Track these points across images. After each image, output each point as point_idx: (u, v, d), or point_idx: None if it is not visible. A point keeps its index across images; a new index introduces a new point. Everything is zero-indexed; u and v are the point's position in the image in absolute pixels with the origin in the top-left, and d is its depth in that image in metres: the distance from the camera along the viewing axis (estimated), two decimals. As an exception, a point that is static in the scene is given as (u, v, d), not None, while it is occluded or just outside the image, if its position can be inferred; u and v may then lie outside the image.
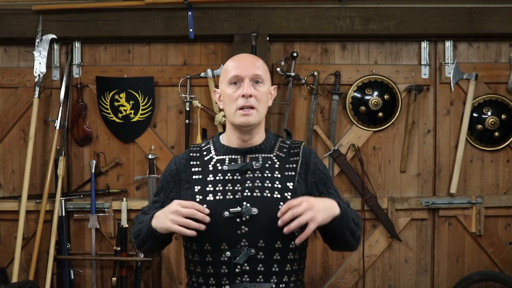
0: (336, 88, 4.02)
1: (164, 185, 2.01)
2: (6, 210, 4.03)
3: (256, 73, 1.88)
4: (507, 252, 4.08)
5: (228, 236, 1.82)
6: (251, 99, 1.86)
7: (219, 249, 1.83)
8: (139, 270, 3.90)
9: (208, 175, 1.90)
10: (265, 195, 1.84)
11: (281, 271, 1.86)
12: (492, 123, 4.05)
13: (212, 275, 1.85)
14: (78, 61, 4.05)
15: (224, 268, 1.83)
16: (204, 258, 1.86)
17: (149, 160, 4.01)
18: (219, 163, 1.91)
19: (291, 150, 1.95)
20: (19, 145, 4.11)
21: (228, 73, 1.90)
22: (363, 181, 4.01)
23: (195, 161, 1.96)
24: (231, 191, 1.85)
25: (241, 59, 1.94)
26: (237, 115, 1.87)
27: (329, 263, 4.12)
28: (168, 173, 2.01)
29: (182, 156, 2.01)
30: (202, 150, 1.99)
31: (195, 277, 1.90)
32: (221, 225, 1.82)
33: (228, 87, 1.90)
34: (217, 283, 1.84)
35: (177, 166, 1.99)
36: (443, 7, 3.90)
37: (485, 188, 4.12)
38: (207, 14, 3.89)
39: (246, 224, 1.82)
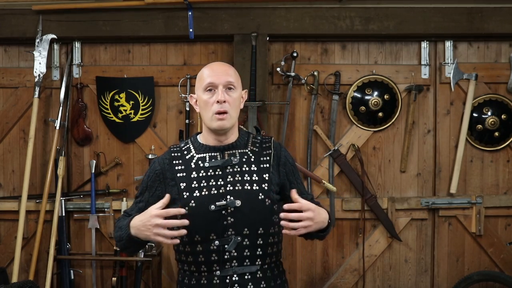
0: (336, 88, 4.02)
1: (149, 184, 2.15)
2: (6, 210, 4.03)
3: (228, 80, 2.07)
4: (507, 252, 4.08)
5: (216, 227, 2.03)
6: (225, 104, 2.05)
7: (208, 239, 2.03)
8: (139, 270, 3.90)
9: (191, 172, 2.08)
10: (246, 188, 2.06)
11: (264, 254, 2.08)
12: (492, 123, 4.05)
13: (203, 262, 2.05)
14: (78, 61, 4.06)
15: (214, 256, 2.04)
16: (195, 248, 2.06)
17: (149, 160, 4.00)
18: (200, 161, 2.10)
19: (263, 145, 2.16)
20: (19, 145, 4.11)
21: (204, 81, 2.08)
22: (363, 181, 4.01)
23: (177, 160, 2.13)
24: (215, 186, 2.05)
25: (215, 67, 2.12)
26: (213, 119, 2.06)
27: (329, 263, 4.12)
28: (152, 173, 2.15)
29: (165, 157, 2.17)
30: (183, 150, 2.16)
31: (187, 266, 2.10)
32: (209, 217, 2.03)
33: (203, 94, 2.08)
34: (208, 270, 2.05)
35: (161, 166, 2.14)
36: (443, 7, 3.91)
37: (485, 188, 4.12)
38: (207, 14, 3.89)
39: (231, 215, 2.03)
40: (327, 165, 4.04)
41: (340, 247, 4.12)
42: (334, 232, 4.10)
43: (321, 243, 4.10)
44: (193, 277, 2.09)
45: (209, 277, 2.05)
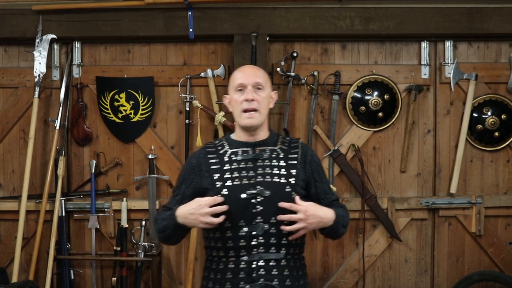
0: (336, 88, 4.02)
1: (186, 177, 2.35)
2: (6, 210, 4.03)
3: (257, 81, 2.28)
4: (507, 252, 4.08)
5: (245, 214, 2.21)
6: (253, 102, 2.25)
7: (237, 225, 2.21)
8: (139, 270, 3.90)
9: (224, 164, 2.28)
10: (275, 180, 2.24)
11: (289, 244, 2.25)
12: (492, 123, 4.05)
13: (232, 248, 2.23)
14: (78, 61, 4.06)
15: (242, 242, 2.21)
16: (225, 234, 2.23)
17: (149, 160, 4.01)
18: (233, 155, 2.30)
19: (291, 144, 2.37)
20: (19, 145, 4.11)
21: (235, 82, 2.32)
22: (363, 181, 4.01)
23: (212, 154, 2.33)
24: (246, 177, 2.24)
25: (245, 69, 2.36)
26: (242, 117, 2.28)
27: (329, 263, 4.12)
28: (188, 166, 2.36)
29: (200, 152, 2.37)
30: (217, 146, 2.37)
31: (215, 251, 2.28)
32: (239, 204, 2.20)
33: (234, 93, 2.31)
34: (236, 255, 2.22)
35: (197, 159, 2.34)
36: (443, 7, 3.90)
37: (485, 188, 4.12)
38: (207, 14, 3.89)
39: (260, 204, 2.21)
40: (327, 165, 4.04)
41: (340, 247, 4.12)
42: (334, 232, 4.10)
43: (321, 243, 4.10)
44: (221, 262, 2.25)
45: (237, 261, 2.22)
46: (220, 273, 2.25)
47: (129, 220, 4.00)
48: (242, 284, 2.19)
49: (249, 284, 2.18)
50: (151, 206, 3.99)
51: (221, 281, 2.24)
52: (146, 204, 4.01)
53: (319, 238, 4.10)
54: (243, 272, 2.20)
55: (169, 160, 4.07)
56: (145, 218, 3.99)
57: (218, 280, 2.25)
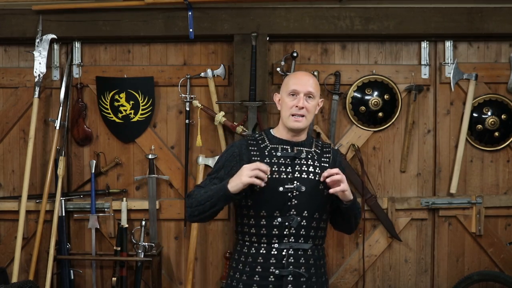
0: (336, 88, 4.02)
1: (226, 164, 2.49)
2: (6, 210, 4.03)
3: (309, 90, 2.45)
4: (507, 252, 4.08)
5: (281, 206, 2.39)
6: (302, 110, 2.44)
7: (272, 215, 2.39)
8: (139, 270, 3.90)
9: (265, 158, 2.44)
10: (310, 178, 2.44)
11: (315, 236, 2.46)
12: (492, 123, 4.05)
13: (265, 235, 2.41)
14: (78, 61, 4.06)
15: (275, 230, 2.39)
16: (260, 222, 2.41)
17: (149, 160, 4.01)
18: (273, 150, 2.47)
19: (323, 148, 2.58)
20: (19, 145, 4.11)
21: (289, 87, 2.48)
22: (363, 181, 4.01)
23: (253, 147, 2.49)
24: (285, 172, 2.42)
25: (300, 77, 2.50)
26: (290, 120, 2.46)
27: (329, 263, 4.12)
28: (230, 154, 2.50)
29: (242, 142, 2.53)
30: (258, 139, 2.53)
31: (248, 236, 2.45)
32: (276, 197, 2.38)
33: (287, 97, 2.48)
34: (268, 242, 2.40)
35: (239, 149, 2.49)
36: (443, 7, 3.90)
37: (485, 188, 4.12)
38: (207, 14, 3.89)
39: (295, 197, 2.40)
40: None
41: (340, 247, 4.12)
42: (334, 232, 4.10)
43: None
44: (252, 247, 2.43)
45: (268, 248, 2.40)
46: (251, 257, 2.43)
47: (129, 220, 4.00)
48: (272, 269, 2.38)
49: (278, 269, 2.38)
50: (151, 206, 3.99)
51: (252, 264, 2.42)
52: (146, 204, 4.01)
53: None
54: (274, 259, 2.39)
55: (169, 160, 4.07)
56: (145, 218, 3.99)
57: (248, 263, 2.43)
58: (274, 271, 2.39)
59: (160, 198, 4.08)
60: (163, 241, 4.11)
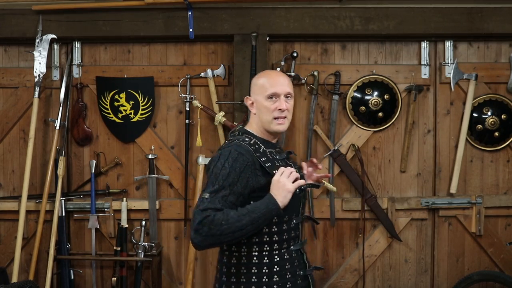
0: (336, 88, 4.02)
1: (242, 176, 2.22)
2: (6, 210, 4.03)
3: (288, 91, 2.38)
4: (507, 252, 4.08)
5: (297, 207, 2.37)
6: (284, 111, 2.36)
7: (291, 218, 2.35)
8: (139, 270, 3.90)
9: (274, 162, 2.34)
10: (302, 173, 2.47)
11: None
12: (492, 123, 4.05)
13: (286, 240, 2.34)
14: (78, 61, 4.06)
15: (293, 233, 2.36)
16: (282, 227, 2.32)
17: (149, 160, 4.01)
18: (272, 153, 2.38)
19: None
20: (19, 145, 4.11)
21: (266, 90, 2.35)
22: (363, 181, 4.01)
23: (257, 153, 2.32)
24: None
25: (276, 78, 2.38)
26: (273, 123, 2.35)
27: (329, 263, 4.12)
28: (244, 164, 2.23)
29: (248, 149, 2.29)
30: (253, 144, 2.35)
31: (268, 246, 2.30)
32: (295, 199, 2.30)
33: (265, 101, 2.35)
34: (287, 246, 2.34)
35: (252, 157, 2.27)
36: (443, 7, 3.90)
37: (485, 188, 4.12)
38: (207, 14, 3.89)
39: (304, 195, 2.42)
40: (327, 165, 4.04)
41: (340, 247, 4.12)
42: (334, 232, 4.10)
43: (321, 243, 4.10)
44: (275, 256, 2.31)
45: (287, 252, 2.34)
46: (277, 266, 2.30)
47: (129, 220, 4.00)
48: (298, 272, 2.35)
49: (302, 270, 2.36)
50: (151, 206, 3.99)
51: (281, 273, 2.30)
52: (146, 204, 4.01)
53: (319, 238, 4.10)
54: (297, 261, 2.36)
55: (169, 160, 4.07)
56: (145, 218, 3.99)
57: (276, 272, 2.29)
58: (299, 273, 2.35)
59: (160, 198, 4.08)
60: (163, 241, 4.11)
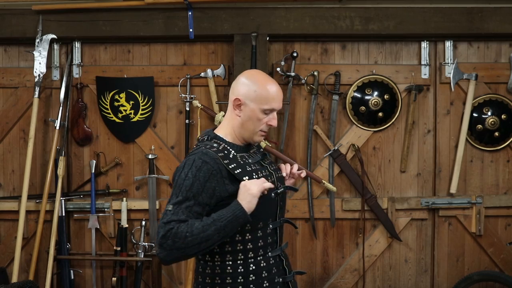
0: (336, 88, 4.01)
1: (207, 185, 2.08)
2: (6, 210, 4.04)
3: (281, 106, 2.25)
4: (507, 252, 4.08)
5: (273, 213, 2.25)
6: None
7: (266, 224, 2.22)
8: (139, 270, 3.90)
9: (245, 167, 2.19)
10: (279, 175, 2.32)
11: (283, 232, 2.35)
12: (492, 123, 4.05)
13: (262, 247, 2.21)
14: (78, 61, 4.06)
15: (269, 239, 2.23)
16: (256, 234, 2.20)
17: (149, 160, 4.01)
18: (243, 158, 2.23)
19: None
20: (19, 145, 4.11)
21: (266, 103, 2.18)
22: (363, 181, 4.01)
23: (226, 159, 2.17)
24: (267, 176, 2.23)
25: (277, 92, 2.22)
26: (257, 135, 2.23)
27: (329, 263, 4.12)
28: (209, 173, 2.09)
29: (214, 156, 2.13)
30: (222, 150, 2.20)
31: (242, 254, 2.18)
32: (269, 204, 2.21)
33: (261, 112, 2.19)
34: (264, 252, 2.22)
35: (217, 165, 2.12)
36: (443, 7, 3.90)
37: (485, 188, 4.12)
38: (207, 14, 3.89)
39: (281, 200, 2.27)
40: (327, 165, 4.04)
41: (340, 247, 4.12)
42: (334, 232, 4.10)
43: (321, 243, 4.10)
44: (250, 264, 2.19)
45: (264, 259, 2.21)
46: (253, 275, 2.18)
47: (129, 220, 4.00)
48: (277, 279, 2.24)
49: (282, 277, 2.25)
50: (151, 206, 3.99)
51: (257, 281, 2.18)
52: (146, 204, 4.01)
53: (319, 238, 4.10)
54: (275, 268, 2.24)
55: (169, 160, 4.07)
56: (145, 218, 3.99)
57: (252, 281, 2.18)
58: (278, 280, 2.23)
59: (160, 198, 4.08)
60: (163, 241, 4.10)
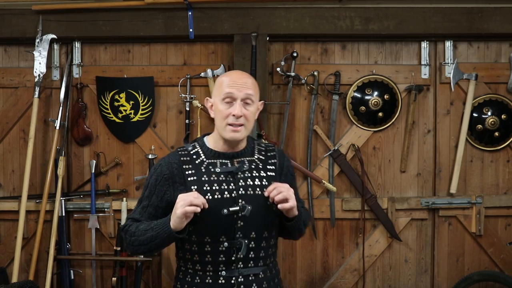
0: (336, 88, 4.02)
1: (157, 188, 2.12)
2: (6, 210, 4.03)
3: (247, 93, 2.07)
4: (507, 252, 4.08)
5: (226, 230, 2.06)
6: (240, 118, 2.07)
7: (218, 240, 2.07)
8: (139, 270, 3.90)
9: (202, 176, 2.09)
10: (257, 193, 2.10)
11: (266, 256, 2.15)
12: (492, 123, 4.05)
13: (210, 262, 2.08)
14: (78, 61, 4.06)
15: (221, 257, 2.08)
16: (203, 248, 2.08)
17: (149, 160, 4.01)
18: (211, 166, 2.11)
19: (268, 153, 2.22)
20: (19, 145, 4.11)
21: (222, 90, 2.08)
22: (363, 181, 4.01)
23: (187, 164, 2.11)
24: (227, 190, 2.07)
25: (235, 78, 2.10)
26: (226, 130, 2.08)
27: (329, 263, 4.12)
28: (160, 177, 2.12)
29: (172, 160, 2.13)
30: (191, 154, 2.15)
31: (191, 264, 2.12)
32: (221, 220, 2.05)
33: (220, 103, 2.08)
34: (214, 270, 2.08)
35: (170, 170, 2.11)
36: (443, 7, 3.91)
37: (485, 188, 4.12)
38: (207, 14, 3.89)
39: (241, 219, 2.06)
40: (327, 165, 4.04)
41: (340, 247, 4.12)
42: (334, 232, 4.10)
43: (321, 243, 4.09)
44: (197, 276, 2.11)
45: (215, 276, 2.09)
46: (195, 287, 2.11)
47: (129, 220, 4.00)
48: None
49: None
50: (151, 206, 3.98)
51: None
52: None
53: (319, 238, 4.10)
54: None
55: (169, 160, 4.06)
56: (145, 218, 3.99)
57: None
58: None
59: (160, 198, 4.07)
60: (163, 241, 4.10)
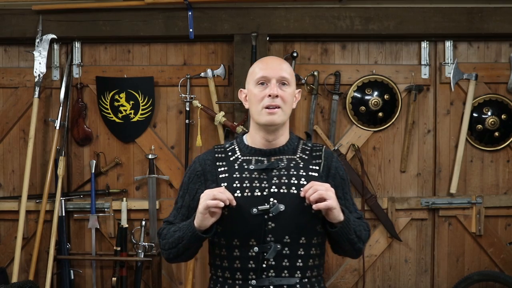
0: (336, 88, 4.02)
1: (190, 187, 2.02)
2: (6, 210, 4.03)
3: (282, 75, 1.94)
4: (507, 252, 4.08)
5: (256, 232, 1.88)
6: (277, 99, 1.92)
7: (247, 244, 1.89)
8: (139, 270, 3.90)
9: (234, 172, 1.95)
10: (292, 192, 1.90)
11: (305, 266, 1.93)
12: (492, 123, 4.05)
13: (239, 269, 1.91)
14: (78, 61, 4.06)
15: (251, 263, 1.89)
16: (232, 253, 1.92)
17: (149, 160, 4.01)
18: (245, 163, 1.97)
19: (313, 153, 2.02)
20: (19, 145, 4.11)
21: (256, 74, 1.96)
22: (363, 181, 4.01)
23: (221, 161, 2.00)
24: (259, 188, 1.90)
25: (269, 61, 2.00)
26: (262, 114, 1.93)
27: (329, 263, 4.11)
28: (193, 174, 2.02)
29: (206, 157, 2.03)
30: (227, 151, 2.03)
31: (221, 271, 1.96)
32: (250, 221, 1.88)
33: (255, 87, 1.96)
34: (244, 278, 1.90)
35: (202, 166, 2.01)
36: (443, 7, 3.91)
37: (485, 188, 4.12)
38: (207, 14, 3.89)
39: (273, 220, 1.88)
40: (327, 165, 4.04)
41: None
42: (334, 232, 4.10)
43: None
44: (225, 284, 1.95)
45: (244, 285, 1.91)
46: None
47: (129, 220, 4.00)
48: None
49: None
50: (151, 206, 3.99)
51: None
52: (146, 204, 4.01)
53: (319, 238, 4.10)
54: None
55: (169, 160, 4.07)
56: (145, 218, 3.99)
57: None
58: None
59: (160, 198, 4.08)
60: (163, 241, 4.10)
